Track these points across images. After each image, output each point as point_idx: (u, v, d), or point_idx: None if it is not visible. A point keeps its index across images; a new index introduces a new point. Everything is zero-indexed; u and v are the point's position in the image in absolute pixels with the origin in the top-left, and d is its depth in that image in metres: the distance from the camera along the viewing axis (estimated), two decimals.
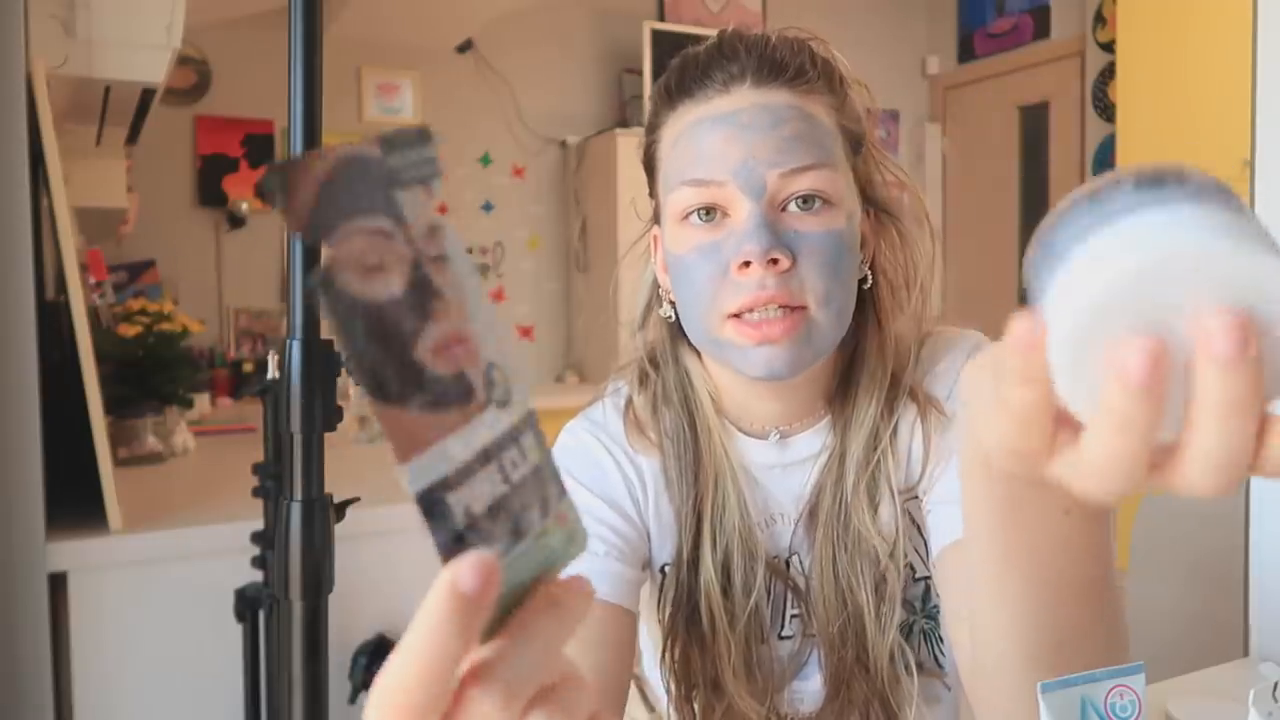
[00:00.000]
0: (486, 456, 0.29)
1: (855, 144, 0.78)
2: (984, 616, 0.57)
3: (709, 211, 0.73)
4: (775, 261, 0.70)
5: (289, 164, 0.26)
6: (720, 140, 0.73)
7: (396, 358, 0.27)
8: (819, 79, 0.75)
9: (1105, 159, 4.15)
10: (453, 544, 0.28)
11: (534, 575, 0.30)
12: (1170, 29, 3.58)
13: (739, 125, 0.72)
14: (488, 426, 0.29)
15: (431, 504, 0.28)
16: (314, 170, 0.27)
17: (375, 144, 0.28)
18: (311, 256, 0.85)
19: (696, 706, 0.81)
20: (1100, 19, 4.19)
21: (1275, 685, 0.63)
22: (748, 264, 0.70)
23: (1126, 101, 3.78)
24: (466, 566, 0.27)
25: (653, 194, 0.82)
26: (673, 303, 0.80)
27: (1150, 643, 1.63)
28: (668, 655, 0.81)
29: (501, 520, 0.29)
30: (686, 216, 0.74)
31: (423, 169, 0.28)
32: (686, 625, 0.80)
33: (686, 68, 0.77)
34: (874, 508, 0.78)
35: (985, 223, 4.77)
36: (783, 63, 0.74)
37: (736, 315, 0.72)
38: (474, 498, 0.29)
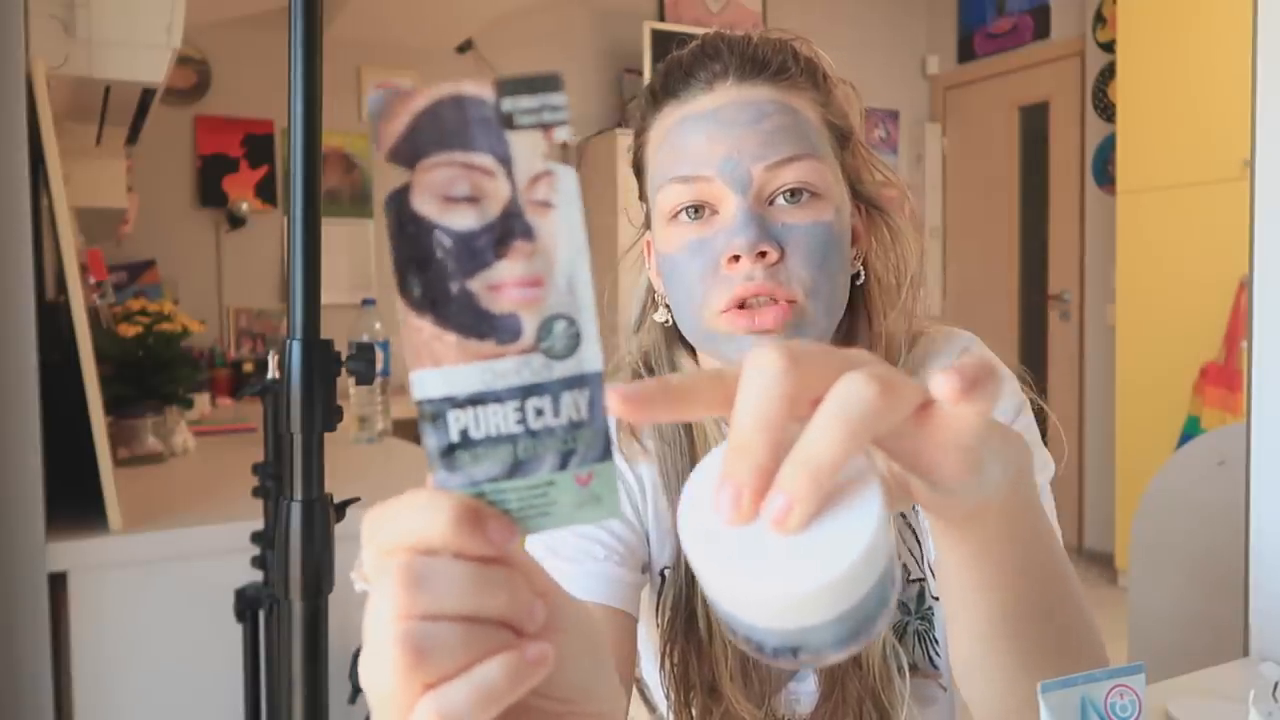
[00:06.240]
0: (509, 394, 0.30)
1: (842, 139, 0.78)
2: (955, 622, 0.56)
3: (697, 209, 0.74)
4: (763, 254, 0.70)
5: (393, 92, 0.29)
6: (704, 137, 0.73)
7: (441, 279, 0.29)
8: (801, 75, 0.76)
9: (1105, 159, 4.15)
10: (440, 454, 0.30)
11: (521, 513, 0.32)
12: (1170, 29, 3.58)
13: (722, 121, 0.73)
14: (523, 368, 0.30)
15: (433, 414, 0.30)
16: (411, 102, 0.29)
17: (490, 86, 0.29)
18: (311, 256, 0.85)
19: (694, 711, 0.81)
20: (1100, 19, 4.19)
21: (1275, 685, 0.63)
22: (736, 258, 0.71)
23: (1126, 101, 3.78)
24: (489, 518, 0.31)
25: (643, 197, 0.83)
26: (668, 306, 0.81)
27: (1150, 643, 1.63)
28: (666, 660, 0.81)
29: (499, 452, 0.30)
30: (675, 215, 0.75)
31: (544, 115, 0.29)
32: (684, 630, 0.80)
33: (671, 70, 0.78)
34: None
35: (985, 223, 4.77)
36: (765, 59, 0.75)
37: (727, 311, 0.72)
38: (476, 422, 0.30)
